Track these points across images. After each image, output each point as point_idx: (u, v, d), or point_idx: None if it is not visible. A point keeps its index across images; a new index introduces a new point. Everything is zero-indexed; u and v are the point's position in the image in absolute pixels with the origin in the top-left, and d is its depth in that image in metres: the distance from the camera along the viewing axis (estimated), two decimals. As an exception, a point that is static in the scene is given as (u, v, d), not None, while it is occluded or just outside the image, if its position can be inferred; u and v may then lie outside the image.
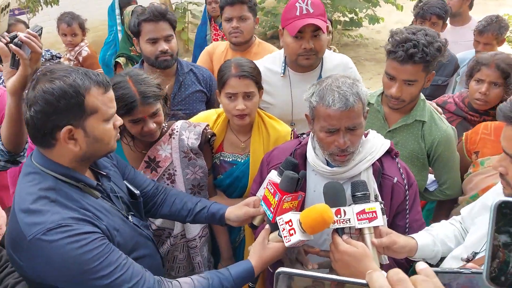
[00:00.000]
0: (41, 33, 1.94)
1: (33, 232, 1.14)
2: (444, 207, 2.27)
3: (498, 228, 0.64)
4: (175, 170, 1.94)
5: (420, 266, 0.65)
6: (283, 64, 2.31)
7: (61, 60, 3.49)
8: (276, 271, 0.70)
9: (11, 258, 1.22)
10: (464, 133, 2.16)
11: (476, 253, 1.29)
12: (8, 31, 2.87)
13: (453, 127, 2.08)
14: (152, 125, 1.79)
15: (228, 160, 2.09)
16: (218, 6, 3.09)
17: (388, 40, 1.92)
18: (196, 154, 1.96)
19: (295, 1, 2.11)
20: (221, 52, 2.94)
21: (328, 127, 1.46)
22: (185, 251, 2.06)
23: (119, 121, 1.38)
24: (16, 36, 2.08)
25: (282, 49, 2.35)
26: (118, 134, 1.91)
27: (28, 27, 3.11)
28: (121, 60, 3.49)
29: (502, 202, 0.65)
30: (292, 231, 1.33)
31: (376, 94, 2.12)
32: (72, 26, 3.59)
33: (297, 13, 2.09)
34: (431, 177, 2.20)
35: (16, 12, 7.20)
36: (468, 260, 1.25)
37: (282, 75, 2.29)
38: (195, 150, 1.95)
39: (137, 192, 1.61)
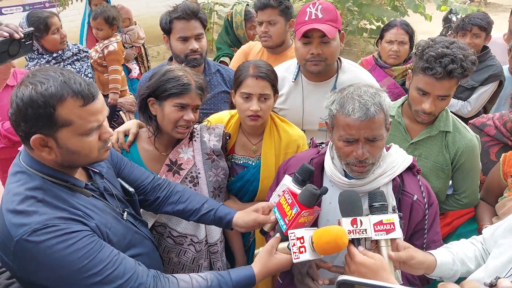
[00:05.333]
0: (32, 35, 1.95)
1: (19, 233, 1.13)
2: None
3: None
4: (199, 173, 1.92)
5: (503, 283, 0.58)
6: (296, 71, 2.28)
7: (90, 50, 3.56)
8: (337, 280, 0.67)
9: (2, 259, 1.21)
10: (503, 154, 2.05)
11: (500, 279, 1.22)
12: (46, 24, 2.97)
13: (477, 135, 2.02)
14: (192, 116, 1.79)
15: (240, 162, 2.07)
16: None
17: (416, 54, 1.84)
18: (219, 156, 1.96)
19: (307, 7, 2.09)
20: (257, 53, 2.94)
21: (347, 137, 1.41)
22: (208, 257, 2.03)
23: (107, 133, 1.31)
24: (32, 33, 2.07)
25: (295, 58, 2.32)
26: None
27: (60, 21, 3.17)
28: (227, 60, 3.43)
29: None
30: (302, 249, 1.30)
31: (396, 106, 2.06)
32: (96, 20, 3.64)
33: (306, 18, 2.07)
34: None
35: (47, 5, 7.38)
36: (491, 286, 1.18)
37: (293, 81, 2.26)
38: (217, 151, 1.95)
39: (131, 189, 1.58)
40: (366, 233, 1.28)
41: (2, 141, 2.53)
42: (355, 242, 1.29)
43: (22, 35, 1.96)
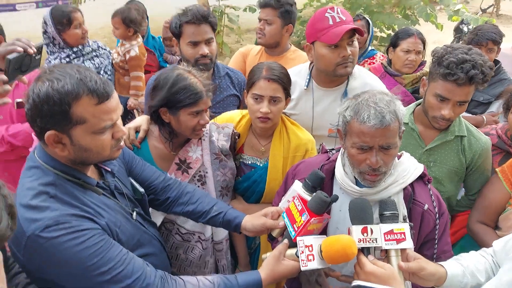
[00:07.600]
0: (41, 49, 1.87)
1: (31, 229, 1.14)
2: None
3: None
4: (206, 172, 1.93)
5: None
6: (308, 77, 2.28)
7: (112, 51, 3.56)
8: (352, 285, 0.67)
9: (12, 252, 1.22)
10: (499, 171, 2.01)
11: None
12: (69, 18, 3.03)
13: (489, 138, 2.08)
14: (208, 118, 1.83)
15: (248, 162, 2.08)
16: None
17: (433, 60, 1.84)
18: (227, 156, 1.97)
19: (323, 12, 2.09)
20: (255, 55, 2.97)
21: (361, 144, 1.40)
22: (214, 254, 2.04)
23: (120, 132, 1.32)
24: (42, 47, 1.99)
25: (307, 63, 2.33)
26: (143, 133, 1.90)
27: (82, 17, 3.18)
28: None
29: None
30: (310, 257, 1.29)
31: (408, 113, 2.05)
32: (114, 18, 3.64)
33: (330, 22, 2.06)
34: None
35: (60, 2, 7.42)
36: None
37: (305, 88, 2.26)
38: (225, 151, 1.96)
39: (141, 189, 1.58)
40: (376, 242, 1.27)
41: (4, 146, 2.54)
42: (364, 251, 1.28)
43: (36, 50, 1.92)
